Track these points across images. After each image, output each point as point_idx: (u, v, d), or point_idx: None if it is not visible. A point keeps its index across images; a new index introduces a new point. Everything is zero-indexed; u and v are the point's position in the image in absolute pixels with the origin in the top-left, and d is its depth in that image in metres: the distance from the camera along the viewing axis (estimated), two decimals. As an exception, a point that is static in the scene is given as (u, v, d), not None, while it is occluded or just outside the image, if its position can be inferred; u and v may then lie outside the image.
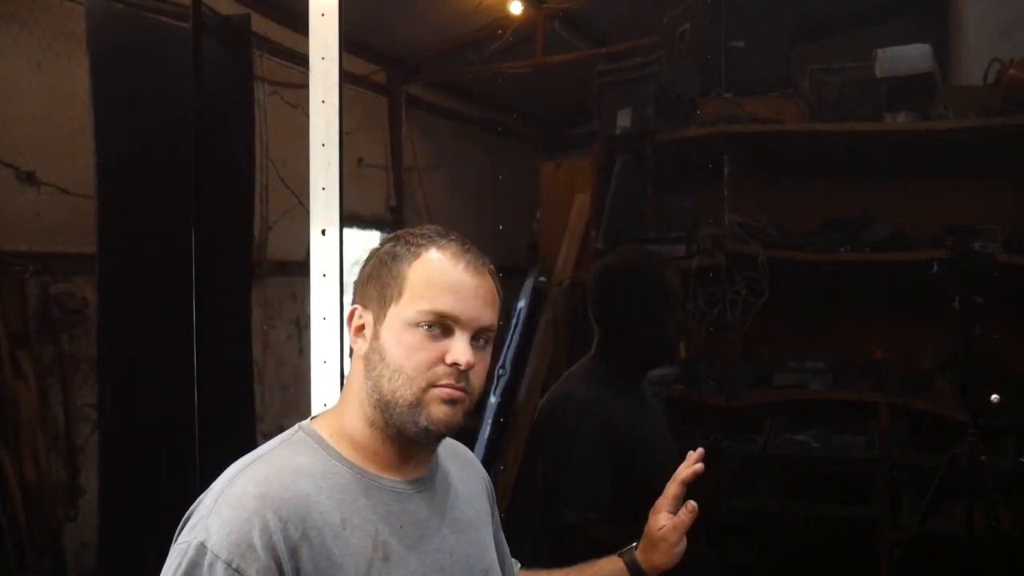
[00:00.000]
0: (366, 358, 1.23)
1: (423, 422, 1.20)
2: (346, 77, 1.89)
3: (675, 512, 1.51)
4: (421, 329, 1.21)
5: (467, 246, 1.28)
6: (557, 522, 1.84)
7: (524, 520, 3.27)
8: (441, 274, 1.23)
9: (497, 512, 1.44)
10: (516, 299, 4.16)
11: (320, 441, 1.23)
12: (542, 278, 3.95)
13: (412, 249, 1.25)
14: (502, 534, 1.45)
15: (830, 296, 2.86)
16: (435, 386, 1.21)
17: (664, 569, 1.50)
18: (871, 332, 2.91)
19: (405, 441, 1.23)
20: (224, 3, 3.32)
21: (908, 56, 2.63)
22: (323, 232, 1.82)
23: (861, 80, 2.71)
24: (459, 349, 1.21)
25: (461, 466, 1.36)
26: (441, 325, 1.21)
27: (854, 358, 2.89)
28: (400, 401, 1.20)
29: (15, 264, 2.97)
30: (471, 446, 3.78)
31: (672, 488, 1.53)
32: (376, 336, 1.23)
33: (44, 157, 3.04)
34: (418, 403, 1.20)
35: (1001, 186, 2.73)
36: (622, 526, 1.74)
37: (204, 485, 2.19)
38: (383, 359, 1.21)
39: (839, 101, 2.74)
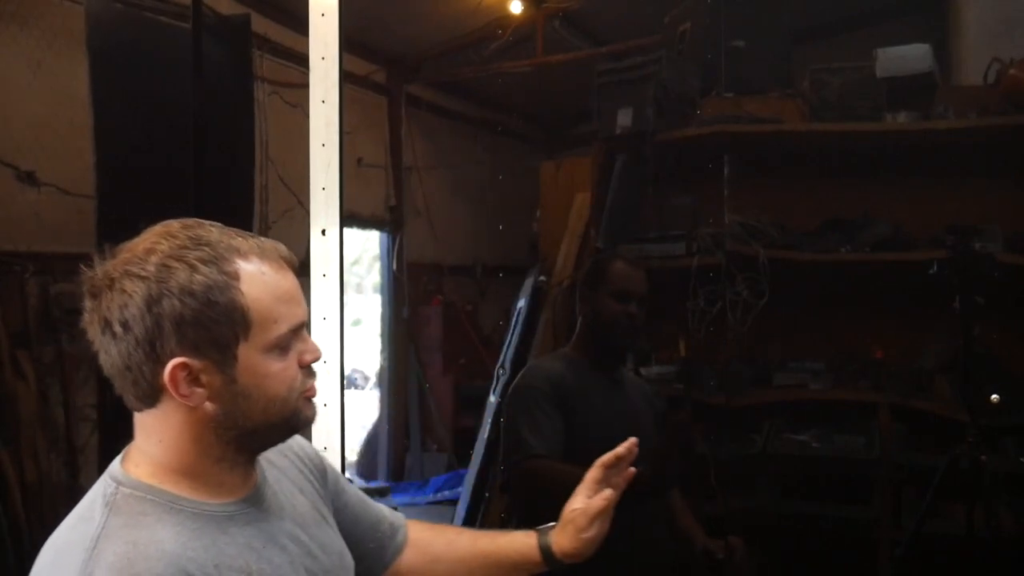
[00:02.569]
0: (220, 405, 1.08)
1: (299, 426, 1.14)
2: (346, 77, 1.89)
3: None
4: (279, 350, 1.11)
5: (262, 241, 1.14)
6: (509, 464, 1.89)
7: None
8: (277, 287, 1.11)
9: (332, 471, 1.36)
10: (516, 298, 4.15)
11: (156, 491, 1.09)
12: (542, 277, 3.94)
13: (224, 269, 1.08)
14: (354, 491, 1.38)
15: (830, 296, 2.86)
16: (302, 391, 1.12)
17: (572, 557, 1.42)
18: (871, 332, 2.92)
19: (251, 457, 1.14)
20: (224, 3, 3.33)
21: (908, 56, 2.63)
22: (323, 232, 1.81)
23: (861, 80, 2.71)
24: (312, 346, 1.13)
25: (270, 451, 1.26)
26: (294, 336, 1.11)
27: (854, 358, 2.89)
28: (276, 422, 1.12)
29: (15, 264, 2.98)
30: (470, 445, 3.79)
31: (592, 472, 1.46)
32: (231, 380, 1.08)
33: (44, 157, 3.04)
34: (294, 413, 1.12)
35: (1001, 186, 2.74)
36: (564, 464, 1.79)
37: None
38: (249, 398, 1.09)
39: (839, 101, 2.74)
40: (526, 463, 1.88)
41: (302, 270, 1.63)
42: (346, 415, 1.85)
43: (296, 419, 1.11)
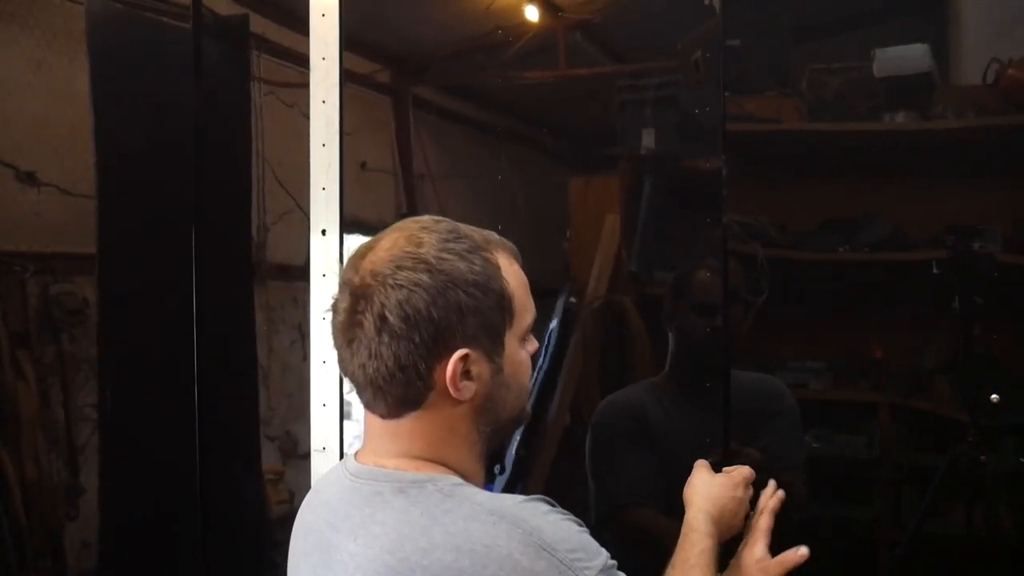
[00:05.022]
0: (487, 396, 1.08)
1: (524, 420, 1.16)
2: (347, 75, 1.89)
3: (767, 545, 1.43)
4: (525, 340, 1.14)
5: (494, 234, 1.17)
6: (604, 511, 1.84)
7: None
8: (523, 278, 1.14)
9: None
10: (547, 320, 4.11)
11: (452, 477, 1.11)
12: (572, 299, 3.90)
13: (488, 258, 1.09)
14: None
15: (830, 296, 2.86)
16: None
17: None
18: (871, 332, 2.91)
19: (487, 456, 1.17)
20: (224, 4, 3.33)
21: (907, 56, 2.63)
22: (323, 232, 1.82)
23: (860, 80, 2.71)
24: (534, 339, 1.16)
25: None
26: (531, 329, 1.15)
27: (854, 358, 2.89)
28: (516, 415, 1.15)
29: (15, 264, 2.98)
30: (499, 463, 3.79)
31: (763, 521, 1.45)
32: (499, 370, 1.09)
33: (44, 157, 3.04)
34: (524, 407, 1.16)
35: (1001, 186, 2.73)
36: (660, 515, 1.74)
37: (204, 486, 2.18)
38: (509, 388, 1.11)
39: (837, 101, 2.74)
40: (617, 514, 1.80)
41: (300, 274, 1.66)
42: (346, 417, 1.86)
43: (524, 414, 1.15)
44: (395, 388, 1.05)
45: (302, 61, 1.91)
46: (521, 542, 0.98)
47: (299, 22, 1.95)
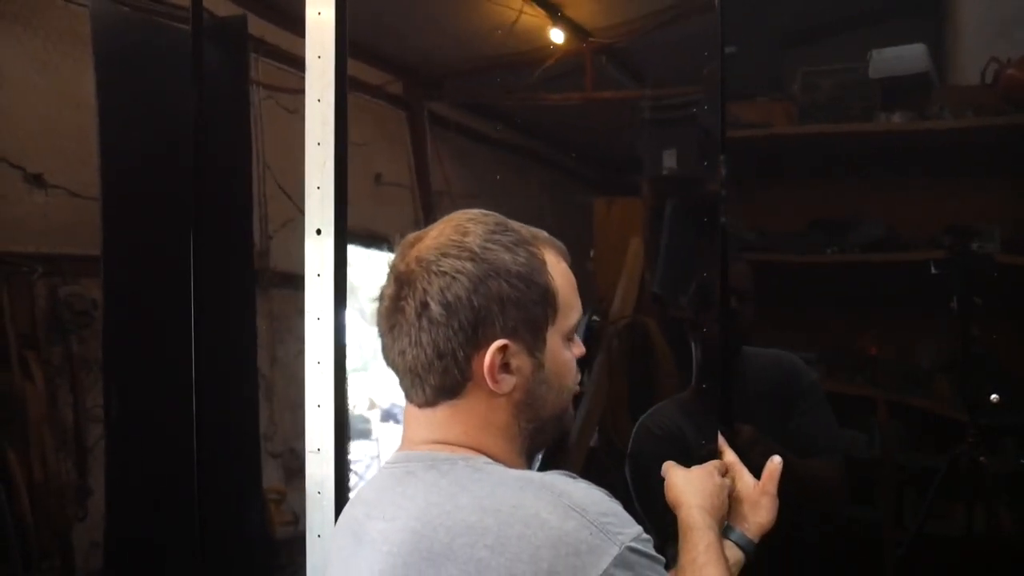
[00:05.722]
0: (527, 391, 1.10)
1: (567, 425, 1.17)
2: (356, 85, 1.90)
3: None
4: (569, 340, 1.16)
5: (542, 232, 1.17)
6: (662, 541, 1.83)
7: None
8: (569, 277, 1.16)
9: None
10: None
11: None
12: (595, 318, 3.84)
13: (535, 253, 1.10)
14: None
15: (830, 298, 2.85)
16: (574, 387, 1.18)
17: (770, 527, 1.47)
18: (870, 333, 2.90)
19: (530, 459, 1.17)
20: (223, 6, 3.34)
21: (904, 56, 2.63)
22: (318, 232, 1.82)
23: (855, 82, 2.70)
24: (579, 341, 1.18)
25: None
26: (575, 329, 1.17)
27: (853, 356, 2.88)
28: (558, 415, 1.15)
29: (23, 266, 3.00)
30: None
31: (728, 455, 1.59)
32: (539, 366, 1.11)
33: (51, 159, 3.06)
34: (566, 409, 1.17)
35: (1000, 186, 2.72)
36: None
37: (203, 487, 2.20)
38: (550, 385, 1.12)
39: (833, 103, 2.73)
40: None
41: (297, 282, 1.63)
42: (346, 419, 1.86)
43: (566, 417, 1.16)
44: (433, 376, 1.06)
45: (302, 65, 1.91)
46: (550, 503, 0.97)
47: (299, 24, 1.96)
